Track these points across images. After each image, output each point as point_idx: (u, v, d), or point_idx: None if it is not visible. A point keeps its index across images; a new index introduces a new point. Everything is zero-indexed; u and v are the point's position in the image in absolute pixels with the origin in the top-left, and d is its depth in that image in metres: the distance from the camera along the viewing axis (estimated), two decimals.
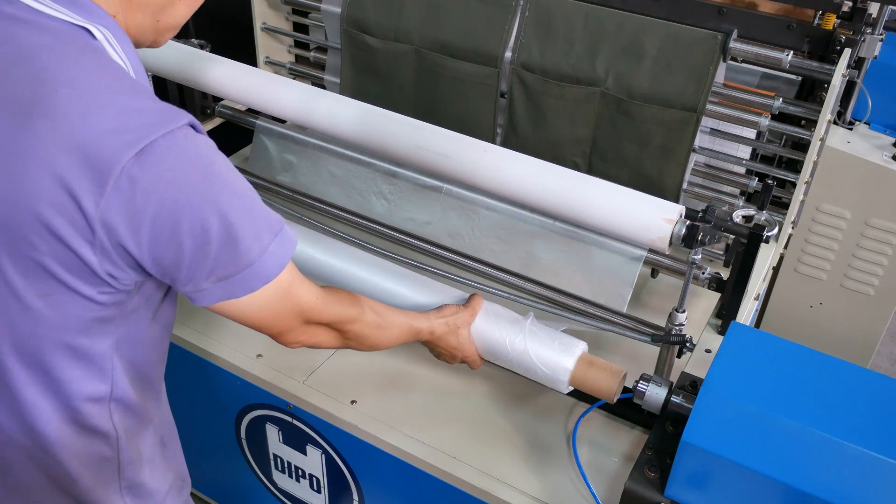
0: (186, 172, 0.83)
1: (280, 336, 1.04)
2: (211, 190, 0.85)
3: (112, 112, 0.81)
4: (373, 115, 1.48)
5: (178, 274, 0.88)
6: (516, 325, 1.29)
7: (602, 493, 1.26)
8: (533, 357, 1.26)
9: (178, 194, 0.82)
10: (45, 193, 0.80)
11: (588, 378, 1.25)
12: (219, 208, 0.85)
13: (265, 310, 0.96)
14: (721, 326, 1.56)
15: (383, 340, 1.19)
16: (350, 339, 1.14)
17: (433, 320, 1.27)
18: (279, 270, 0.92)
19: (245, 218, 0.87)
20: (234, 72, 1.60)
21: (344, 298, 1.11)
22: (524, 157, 1.37)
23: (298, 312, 1.02)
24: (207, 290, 0.90)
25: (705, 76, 1.53)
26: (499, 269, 1.49)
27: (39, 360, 0.90)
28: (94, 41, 0.87)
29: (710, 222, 1.26)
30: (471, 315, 1.30)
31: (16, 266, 0.84)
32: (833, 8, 1.53)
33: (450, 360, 1.33)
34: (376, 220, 1.62)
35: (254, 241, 0.89)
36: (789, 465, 0.96)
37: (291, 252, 0.94)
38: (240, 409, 1.59)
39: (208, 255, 0.86)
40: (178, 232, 0.83)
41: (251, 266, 0.89)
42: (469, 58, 1.72)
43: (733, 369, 1.06)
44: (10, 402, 0.92)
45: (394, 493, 1.47)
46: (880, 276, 2.14)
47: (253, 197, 0.91)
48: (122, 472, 1.03)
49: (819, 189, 2.04)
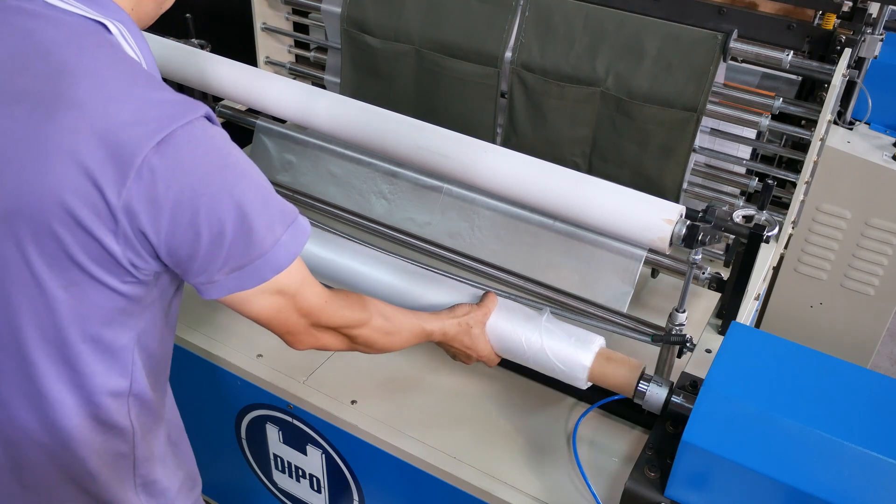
0: (205, 162, 0.85)
1: (287, 337, 1.05)
2: (227, 180, 0.87)
3: (132, 103, 0.83)
4: (373, 115, 1.48)
5: (192, 264, 0.89)
6: (532, 322, 1.28)
7: (602, 493, 1.26)
8: (550, 354, 1.25)
9: (197, 183, 0.84)
10: (70, 183, 0.82)
11: (607, 374, 1.24)
12: (235, 198, 0.86)
13: (273, 306, 0.97)
14: (721, 326, 1.56)
15: (393, 344, 1.19)
16: (358, 344, 1.14)
17: (445, 321, 1.26)
18: (291, 260, 0.93)
19: (260, 208, 0.89)
20: (234, 72, 1.60)
21: (353, 303, 1.11)
22: (524, 157, 1.37)
23: (306, 313, 1.02)
24: (220, 282, 0.91)
25: (705, 76, 1.53)
26: (499, 269, 1.49)
27: (65, 353, 0.92)
28: (110, 35, 0.89)
29: (710, 222, 1.26)
30: (484, 314, 1.29)
31: (42, 257, 0.86)
32: (833, 8, 1.53)
33: (466, 361, 1.33)
34: (376, 220, 1.62)
35: (267, 232, 0.90)
36: (789, 465, 0.96)
37: (304, 243, 0.95)
38: (240, 408, 1.59)
39: (223, 245, 0.87)
40: (196, 221, 0.85)
41: (263, 256, 0.90)
42: (469, 58, 1.72)
43: (733, 369, 1.06)
44: (33, 398, 0.93)
45: (394, 493, 1.47)
46: (880, 276, 2.14)
47: (267, 187, 0.92)
48: (136, 469, 1.05)
49: (819, 189, 2.04)
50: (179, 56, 1.64)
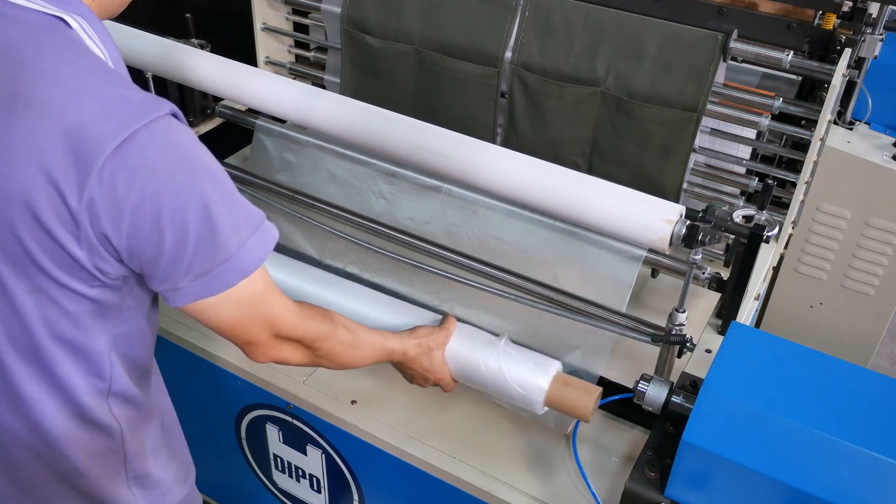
0: (168, 162, 0.83)
1: (248, 348, 1.02)
2: (192, 180, 0.84)
3: (93, 102, 0.81)
4: (373, 115, 1.48)
5: (156, 269, 0.87)
6: (490, 346, 1.28)
7: (602, 493, 1.26)
8: (507, 377, 1.25)
9: (160, 184, 0.82)
10: (32, 186, 0.80)
11: (563, 397, 1.23)
12: (199, 199, 0.84)
13: (237, 314, 0.94)
14: (721, 326, 1.56)
15: (355, 359, 1.16)
16: (321, 357, 1.11)
17: (406, 341, 1.24)
18: (257, 264, 0.91)
19: (225, 210, 0.87)
20: (234, 72, 1.60)
21: (317, 314, 1.09)
22: (524, 157, 1.37)
23: (270, 323, 0.99)
24: (184, 289, 0.88)
25: (705, 76, 1.53)
26: (499, 269, 1.49)
27: (39, 356, 0.90)
28: (70, 31, 0.86)
29: (710, 222, 1.26)
30: (445, 337, 1.28)
31: (7, 262, 0.84)
32: (833, 8, 1.53)
33: (422, 383, 1.30)
34: (376, 220, 1.62)
35: (233, 234, 0.88)
36: (789, 465, 0.96)
37: (271, 248, 0.93)
38: (240, 408, 1.59)
39: (187, 248, 0.85)
40: (159, 223, 0.83)
41: (229, 260, 0.88)
42: (469, 58, 1.72)
43: (733, 369, 1.06)
44: (13, 400, 0.92)
45: (394, 493, 1.47)
46: (880, 276, 2.14)
47: (233, 190, 0.90)
48: (128, 464, 1.04)
49: (819, 189, 2.04)
50: (179, 56, 1.64)
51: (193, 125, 1.95)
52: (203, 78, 1.63)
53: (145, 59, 1.65)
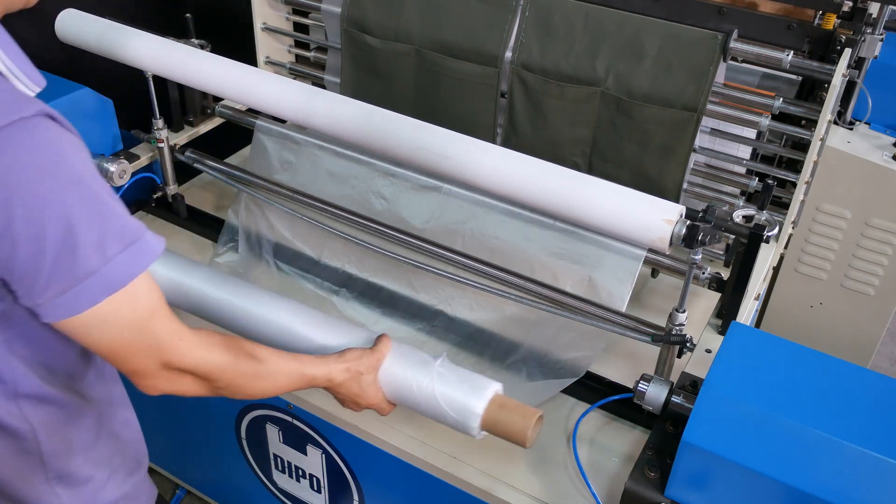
0: (25, 168, 0.77)
1: (135, 378, 0.93)
2: (52, 189, 0.78)
3: None
4: (373, 115, 1.48)
5: (14, 283, 0.82)
6: (424, 367, 1.19)
7: (602, 493, 1.26)
8: (441, 400, 1.16)
9: (10, 192, 0.76)
10: None
11: (500, 421, 1.15)
12: (58, 210, 0.78)
13: (114, 336, 0.87)
14: (721, 326, 1.56)
15: (264, 390, 1.07)
16: (221, 389, 1.01)
17: (332, 365, 1.14)
18: (125, 282, 0.84)
19: (90, 223, 0.81)
20: (234, 72, 1.60)
21: (213, 343, 0.98)
22: (524, 157, 1.37)
23: (155, 351, 0.90)
24: (45, 304, 0.82)
25: (705, 76, 1.53)
26: (498, 269, 1.49)
27: None
28: None
29: (710, 222, 1.26)
30: (377, 360, 1.18)
31: None
32: (833, 8, 1.53)
33: (354, 408, 1.21)
34: (375, 220, 1.62)
35: (96, 250, 0.81)
36: (789, 465, 0.96)
37: (146, 265, 0.86)
38: (240, 408, 1.59)
39: (44, 261, 0.79)
40: (11, 233, 0.77)
41: (91, 276, 0.81)
42: (469, 58, 1.72)
43: (733, 369, 1.06)
44: None
45: (394, 493, 1.47)
46: (880, 276, 2.14)
47: (106, 201, 0.83)
48: (46, 465, 1.01)
49: (819, 189, 2.04)
50: (179, 56, 1.64)
51: (193, 125, 1.95)
52: (203, 78, 1.63)
53: (145, 59, 1.65)
